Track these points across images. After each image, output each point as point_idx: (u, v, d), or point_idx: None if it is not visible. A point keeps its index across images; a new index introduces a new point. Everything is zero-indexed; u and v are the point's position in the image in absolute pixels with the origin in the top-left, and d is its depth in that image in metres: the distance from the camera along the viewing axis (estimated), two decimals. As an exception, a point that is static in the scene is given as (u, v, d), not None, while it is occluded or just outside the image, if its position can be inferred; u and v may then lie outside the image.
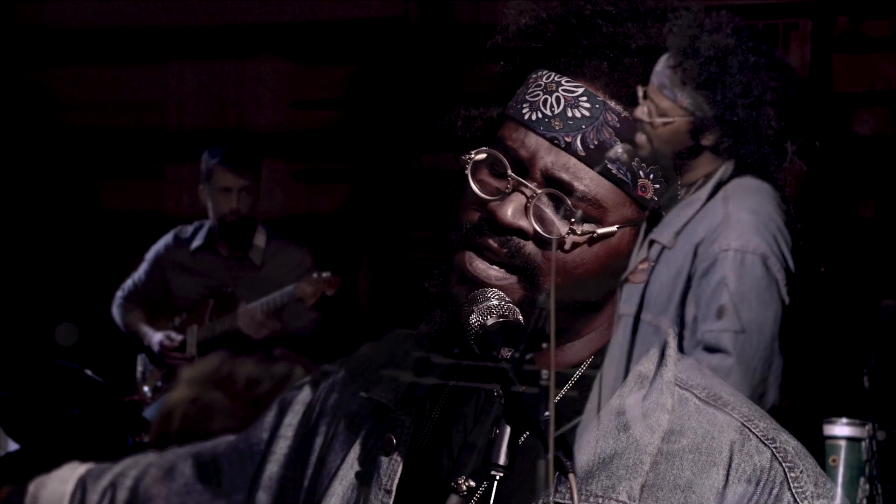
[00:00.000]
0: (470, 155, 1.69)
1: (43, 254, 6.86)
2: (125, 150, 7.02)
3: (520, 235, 1.65)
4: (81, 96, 7.00)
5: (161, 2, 6.93)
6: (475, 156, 1.69)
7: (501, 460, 1.48)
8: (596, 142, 1.64)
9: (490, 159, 1.68)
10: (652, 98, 1.69)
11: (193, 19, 6.91)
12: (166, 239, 5.94)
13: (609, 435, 1.66)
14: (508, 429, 1.48)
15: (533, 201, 1.64)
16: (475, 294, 1.62)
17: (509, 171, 1.65)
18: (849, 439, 2.91)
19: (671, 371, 1.71)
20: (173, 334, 5.78)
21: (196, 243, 5.85)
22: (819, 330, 4.00)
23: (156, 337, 5.81)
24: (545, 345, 1.49)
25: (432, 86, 6.16)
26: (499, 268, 1.65)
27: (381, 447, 1.78)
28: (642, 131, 1.65)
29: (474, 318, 1.59)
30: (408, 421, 1.78)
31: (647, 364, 1.73)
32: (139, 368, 5.88)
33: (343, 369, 1.96)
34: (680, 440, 1.66)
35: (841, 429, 2.91)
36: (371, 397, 1.83)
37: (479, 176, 1.68)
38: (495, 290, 1.62)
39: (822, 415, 2.96)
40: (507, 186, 1.66)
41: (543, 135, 1.65)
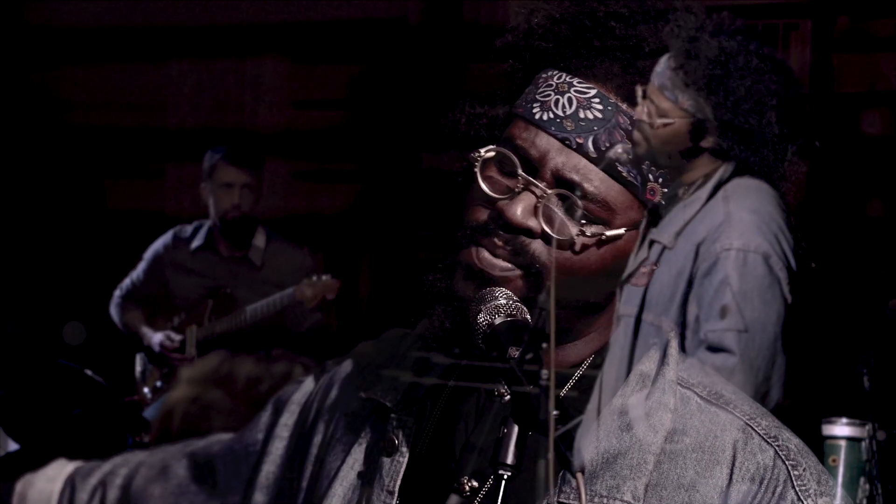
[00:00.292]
0: (479, 152, 1.68)
1: (42, 254, 6.85)
2: (125, 150, 7.02)
3: (527, 235, 1.64)
4: (81, 96, 7.00)
5: (161, 2, 6.93)
6: (485, 153, 1.68)
7: (509, 459, 1.47)
8: (608, 144, 1.63)
9: (499, 157, 1.67)
10: (652, 98, 1.69)
11: (193, 19, 6.91)
12: (165, 238, 5.92)
13: (612, 435, 1.66)
14: (516, 428, 1.48)
15: (543, 201, 1.63)
16: (483, 293, 1.61)
17: (519, 170, 1.64)
18: (849, 439, 2.91)
19: (673, 370, 1.71)
20: (173, 334, 5.78)
21: (196, 243, 5.84)
22: (820, 329, 4.00)
23: (155, 337, 5.80)
24: (545, 345, 1.49)
25: (433, 85, 6.16)
26: (503, 262, 1.64)
27: (383, 448, 1.76)
28: (641, 131, 1.65)
29: (482, 318, 1.58)
30: (409, 421, 1.76)
31: (649, 364, 1.72)
32: (138, 368, 5.88)
33: (340, 368, 1.94)
34: (683, 439, 1.65)
35: (841, 429, 2.91)
36: (371, 397, 1.82)
37: (488, 174, 1.67)
38: (503, 290, 1.61)
39: (823, 414, 2.97)
40: (517, 185, 1.64)
41: (555, 135, 1.64)
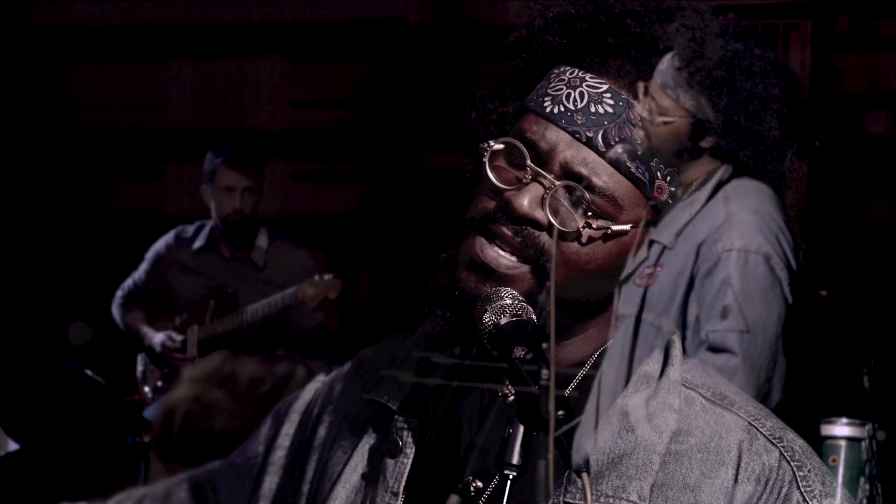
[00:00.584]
0: (489, 144, 1.68)
1: (46, 253, 6.85)
2: (125, 150, 7.01)
3: (534, 226, 1.64)
4: (81, 96, 7.00)
5: (161, 2, 6.93)
6: (494, 144, 1.68)
7: (515, 460, 1.47)
8: (617, 139, 1.64)
9: (509, 149, 1.67)
10: (653, 96, 1.69)
11: (193, 19, 6.91)
12: (167, 238, 5.92)
13: (618, 435, 1.66)
14: (522, 428, 1.48)
15: (550, 193, 1.63)
16: (488, 293, 1.61)
17: (528, 161, 1.65)
18: (849, 439, 2.92)
19: (677, 371, 1.71)
20: (174, 334, 5.77)
21: (198, 244, 5.84)
22: (820, 329, 4.00)
23: (157, 337, 5.80)
24: (545, 344, 1.49)
25: (434, 86, 6.16)
26: (510, 255, 1.65)
27: (387, 449, 1.76)
28: (641, 128, 1.66)
29: (487, 318, 1.58)
30: (413, 422, 1.76)
31: (653, 364, 1.72)
32: (139, 368, 5.88)
33: (340, 373, 1.94)
34: (688, 440, 1.65)
35: (841, 429, 2.92)
36: (373, 399, 1.81)
37: (496, 165, 1.68)
38: (508, 290, 1.61)
39: (823, 414, 2.97)
40: (525, 177, 1.65)
41: (565, 128, 1.65)
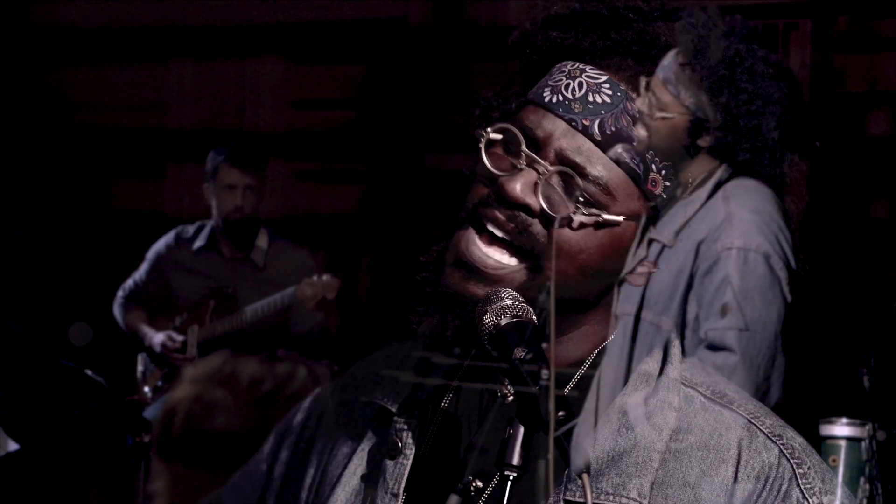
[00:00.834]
0: (486, 131, 1.69)
1: (42, 253, 6.85)
2: (125, 150, 7.02)
3: (526, 213, 1.65)
4: (81, 96, 7.00)
5: (161, 2, 6.93)
6: (492, 132, 1.69)
7: (515, 460, 1.47)
8: (613, 128, 1.65)
9: (506, 136, 1.68)
10: (654, 91, 1.69)
11: (193, 19, 6.91)
12: (167, 238, 5.92)
13: (617, 433, 1.66)
14: (522, 429, 1.48)
15: (543, 178, 1.64)
16: (489, 294, 1.61)
17: (523, 147, 1.66)
18: (849, 439, 2.91)
19: (677, 369, 1.71)
20: (174, 335, 5.78)
21: (198, 244, 5.84)
22: (820, 329, 4.01)
23: (157, 337, 5.80)
24: (545, 344, 1.49)
25: (433, 86, 6.17)
26: (501, 249, 1.65)
27: (386, 451, 1.75)
28: (641, 122, 1.66)
29: (488, 319, 1.58)
30: (412, 423, 1.76)
31: (652, 363, 1.72)
32: (140, 368, 5.88)
33: (339, 381, 1.94)
34: (687, 438, 1.66)
35: (841, 429, 2.91)
36: (372, 401, 1.81)
37: (493, 152, 1.69)
38: (509, 290, 1.62)
39: (823, 414, 2.97)
40: (520, 163, 1.66)
41: (562, 116, 1.66)
